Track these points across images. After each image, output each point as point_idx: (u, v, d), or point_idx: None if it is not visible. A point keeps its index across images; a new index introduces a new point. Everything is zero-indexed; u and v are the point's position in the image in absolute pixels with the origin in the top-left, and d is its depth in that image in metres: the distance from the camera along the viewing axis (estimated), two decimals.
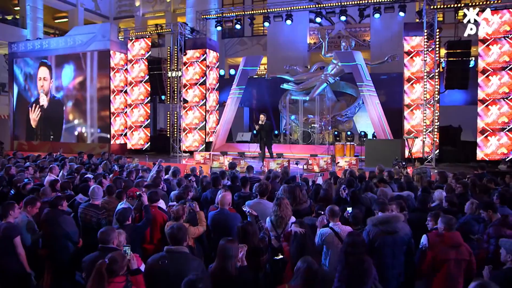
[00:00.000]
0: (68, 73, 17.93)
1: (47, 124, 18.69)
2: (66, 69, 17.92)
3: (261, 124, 11.34)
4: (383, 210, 4.57)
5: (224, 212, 5.05)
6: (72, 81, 17.87)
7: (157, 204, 5.47)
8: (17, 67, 19.13)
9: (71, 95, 18.00)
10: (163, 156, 16.01)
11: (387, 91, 15.78)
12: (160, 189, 6.80)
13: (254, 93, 20.50)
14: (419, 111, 13.69)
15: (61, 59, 18.01)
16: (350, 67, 14.78)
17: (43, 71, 18.54)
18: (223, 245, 3.39)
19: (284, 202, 4.84)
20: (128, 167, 10.38)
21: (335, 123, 17.31)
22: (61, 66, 18.07)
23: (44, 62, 18.41)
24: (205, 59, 16.51)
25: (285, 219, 4.77)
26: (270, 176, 7.45)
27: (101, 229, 3.62)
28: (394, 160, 10.19)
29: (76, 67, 17.67)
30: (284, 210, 4.77)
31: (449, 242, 4.04)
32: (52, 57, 18.20)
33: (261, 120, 11.27)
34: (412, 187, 7.34)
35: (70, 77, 17.91)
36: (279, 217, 4.72)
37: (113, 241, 3.52)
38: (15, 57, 19.02)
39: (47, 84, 18.46)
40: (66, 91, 18.11)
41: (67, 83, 18.04)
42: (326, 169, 11.00)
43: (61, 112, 18.14)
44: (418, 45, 13.64)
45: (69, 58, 17.75)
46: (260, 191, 5.67)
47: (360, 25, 23.56)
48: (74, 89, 17.90)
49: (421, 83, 13.53)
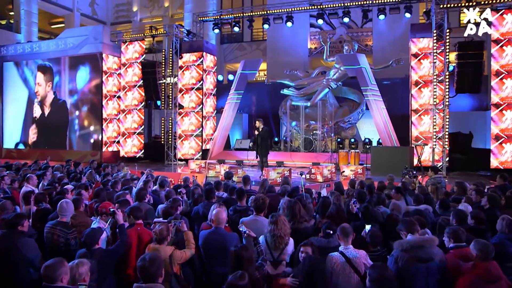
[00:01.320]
0: (83, 76, 16.86)
1: (45, 130, 17.65)
2: (81, 71, 16.87)
3: (258, 131, 10.56)
4: (411, 231, 3.77)
5: (219, 232, 4.28)
6: (88, 83, 16.78)
7: (141, 221, 4.68)
8: (16, 70, 18.28)
9: (86, 99, 16.88)
10: (157, 165, 15.26)
11: (390, 97, 15.07)
12: (146, 203, 6.04)
13: (254, 99, 19.83)
14: (427, 117, 12.94)
15: (76, 60, 16.94)
16: (354, 71, 14.07)
17: (39, 77, 17.61)
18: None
19: (281, 219, 4.08)
20: (117, 176, 9.64)
21: (337, 130, 16.56)
22: (76, 67, 16.97)
23: (42, 65, 17.41)
24: (202, 62, 15.80)
25: (284, 239, 4.01)
26: (265, 188, 6.67)
27: (46, 263, 2.81)
28: (404, 169, 9.41)
29: (92, 69, 16.63)
30: (282, 228, 4.02)
31: (486, 275, 3.22)
32: (65, 58, 17.03)
33: (257, 126, 10.50)
34: (429, 199, 6.55)
35: (85, 80, 16.82)
36: (277, 237, 3.96)
37: (61, 277, 2.71)
38: (5, 60, 18.27)
39: (42, 89, 17.50)
40: (80, 95, 16.98)
41: (82, 86, 16.92)
42: (330, 179, 10.22)
43: (65, 117, 17.10)
44: (426, 47, 12.93)
45: (85, 59, 16.71)
46: (256, 207, 4.90)
47: (362, 29, 22.95)
48: (89, 93, 16.80)
49: (429, 87, 12.80)
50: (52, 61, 17.24)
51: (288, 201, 5.12)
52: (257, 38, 26.16)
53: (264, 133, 10.49)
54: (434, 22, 12.11)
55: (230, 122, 15.97)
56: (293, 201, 5.06)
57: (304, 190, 6.90)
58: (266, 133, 10.55)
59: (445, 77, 12.04)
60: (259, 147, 10.44)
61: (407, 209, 6.08)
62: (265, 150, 10.56)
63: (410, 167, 10.38)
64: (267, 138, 10.70)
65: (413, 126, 13.21)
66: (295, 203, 4.99)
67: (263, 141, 10.49)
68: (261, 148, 10.46)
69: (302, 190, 6.47)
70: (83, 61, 16.63)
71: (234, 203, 6.07)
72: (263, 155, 10.51)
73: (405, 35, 18.42)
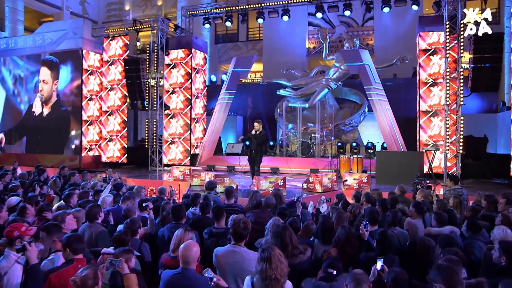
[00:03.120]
0: (64, 75, 15.31)
1: (42, 135, 15.84)
2: (63, 70, 15.33)
3: (254, 133, 9.26)
4: (452, 284, 2.49)
5: (188, 275, 3.03)
6: (69, 84, 15.25)
7: (81, 256, 3.39)
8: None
9: (67, 101, 15.29)
10: (142, 171, 13.96)
11: (393, 99, 13.86)
12: (99, 224, 4.78)
13: (248, 101, 18.65)
14: (437, 119, 11.69)
15: (58, 57, 15.37)
16: (357, 68, 12.83)
17: (44, 73, 15.69)
18: None
19: (275, 254, 2.82)
20: (84, 186, 8.37)
21: (338, 133, 15.29)
22: (56, 63, 15.47)
23: (47, 60, 15.56)
24: (190, 60, 14.54)
25: (280, 282, 2.76)
26: (254, 202, 5.40)
27: None
28: (416, 177, 8.13)
29: (74, 68, 15.08)
30: (278, 268, 2.77)
31: None
32: (45, 55, 15.47)
33: (255, 129, 9.20)
34: (453, 218, 5.26)
35: (66, 80, 15.29)
36: (270, 280, 2.72)
37: None
38: None
39: (48, 88, 15.63)
40: (62, 97, 15.44)
41: (62, 87, 15.39)
42: (331, 188, 8.93)
43: (66, 124, 15.37)
44: (436, 41, 11.70)
45: (66, 57, 15.13)
46: (235, 233, 3.65)
47: (363, 28, 21.91)
48: (71, 94, 15.26)
49: (440, 86, 11.57)
50: (30, 59, 15.91)
51: (276, 226, 3.85)
52: (253, 38, 25.15)
53: (261, 137, 9.19)
54: (446, 13, 10.87)
55: (221, 125, 14.70)
56: (282, 226, 3.79)
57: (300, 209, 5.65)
58: (263, 137, 9.26)
59: (459, 74, 10.78)
60: (252, 153, 9.14)
61: (428, 231, 4.83)
62: (259, 156, 9.24)
63: (421, 175, 9.12)
64: (263, 144, 9.41)
65: (421, 130, 11.96)
66: (285, 229, 3.72)
67: (259, 146, 9.19)
68: (256, 154, 9.15)
69: (299, 207, 5.23)
70: (64, 60, 15.27)
71: (210, 223, 4.81)
72: (256, 163, 9.20)
73: (409, 32, 17.30)
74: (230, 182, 8.70)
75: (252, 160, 9.18)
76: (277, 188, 6.54)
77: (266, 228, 4.12)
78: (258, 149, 9.08)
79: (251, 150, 9.15)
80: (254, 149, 9.08)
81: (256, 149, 9.07)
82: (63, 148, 15.36)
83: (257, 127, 9.07)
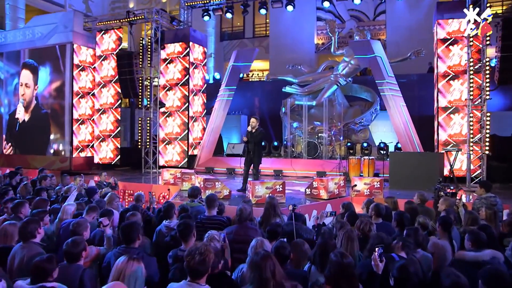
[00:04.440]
0: (43, 77, 14.58)
1: (23, 139, 15.18)
2: (42, 72, 14.59)
3: (250, 131, 8.17)
4: None
5: None
6: (48, 86, 14.47)
7: None
8: None
9: (46, 104, 14.54)
10: (135, 173, 12.97)
11: (407, 97, 12.67)
12: (36, 244, 3.80)
13: (254, 99, 17.63)
14: (458, 116, 10.47)
15: (37, 58, 14.61)
16: (368, 61, 11.69)
17: (27, 76, 14.95)
18: None
19: None
20: (58, 191, 7.42)
21: (347, 133, 14.13)
22: (37, 67, 14.72)
23: (28, 63, 14.90)
24: (188, 54, 13.52)
25: None
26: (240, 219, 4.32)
27: None
28: (437, 182, 6.96)
29: (53, 69, 14.33)
30: None
31: None
32: (33, 50, 14.67)
33: (251, 126, 8.08)
34: (491, 237, 4.09)
35: (45, 82, 14.54)
36: None
37: None
38: None
39: (30, 92, 14.89)
40: (40, 99, 14.65)
41: (41, 89, 14.63)
42: (338, 195, 7.79)
43: (47, 127, 14.60)
44: (457, 30, 10.50)
45: (44, 57, 14.37)
46: (189, 268, 2.62)
47: (374, 22, 20.76)
48: (50, 97, 14.50)
49: (461, 79, 10.36)
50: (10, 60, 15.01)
51: (255, 254, 2.77)
52: (260, 34, 24.23)
53: (258, 135, 8.06)
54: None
55: (220, 123, 13.64)
56: (262, 255, 2.70)
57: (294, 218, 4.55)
58: (260, 135, 8.11)
59: (484, 66, 9.54)
60: (249, 154, 8.00)
61: (461, 256, 3.73)
62: (258, 157, 8.09)
63: (444, 181, 7.95)
64: (261, 143, 8.24)
65: (440, 128, 10.74)
66: (265, 259, 2.64)
67: (257, 146, 8.06)
68: (254, 155, 8.00)
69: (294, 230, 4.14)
70: (43, 61, 14.45)
71: (177, 244, 3.78)
72: (255, 165, 8.06)
73: (424, 25, 16.05)
74: (222, 187, 7.61)
75: (250, 162, 8.05)
76: (272, 196, 5.45)
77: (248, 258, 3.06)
78: (256, 149, 7.95)
79: (248, 151, 8.01)
80: (252, 149, 7.95)
81: (254, 149, 7.94)
82: (45, 153, 14.58)
83: (253, 123, 7.92)
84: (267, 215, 5.15)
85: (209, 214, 4.89)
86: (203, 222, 4.86)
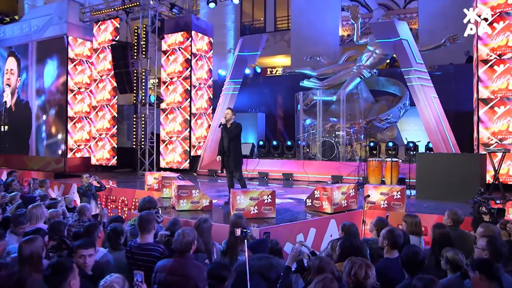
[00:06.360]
0: (50, 71, 13.57)
1: (10, 131, 14.61)
2: (49, 66, 13.57)
3: (225, 125, 6.76)
4: None
5: None
6: (55, 81, 13.45)
7: None
8: None
9: (53, 100, 13.52)
10: (133, 176, 11.76)
11: (442, 91, 10.79)
12: None
13: (272, 96, 16.16)
14: (505, 108, 8.54)
15: (43, 52, 13.64)
16: (392, 45, 9.92)
17: (11, 63, 14.45)
18: None
19: None
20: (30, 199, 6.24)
21: (371, 131, 12.32)
22: (44, 61, 13.69)
23: (14, 52, 14.40)
24: (190, 44, 12.19)
25: None
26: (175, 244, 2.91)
27: None
28: (477, 193, 5.18)
29: (61, 63, 13.32)
30: None
31: None
32: (33, 44, 13.78)
33: (225, 119, 6.56)
34: None
35: (52, 77, 13.53)
36: None
37: None
38: None
39: (14, 79, 14.45)
40: (48, 95, 13.64)
41: (49, 84, 13.64)
42: (346, 207, 6.14)
43: (28, 120, 13.91)
44: (502, 3, 8.57)
45: (52, 50, 13.37)
46: None
47: (405, 10, 18.87)
48: (57, 92, 13.44)
49: (508, 63, 8.44)
50: (19, 51, 14.26)
51: None
52: (281, 28, 22.84)
53: (233, 130, 6.53)
54: None
55: None
56: None
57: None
58: (236, 130, 6.58)
59: None
60: (225, 153, 6.47)
61: None
62: (235, 158, 6.63)
63: (487, 190, 6.16)
64: (237, 138, 6.63)
65: (481, 124, 8.83)
66: None
67: (233, 143, 6.53)
68: (230, 155, 6.51)
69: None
70: (50, 53, 13.43)
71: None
72: (234, 167, 6.56)
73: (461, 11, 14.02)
74: (200, 196, 6.12)
75: (226, 163, 6.51)
76: (238, 214, 3.90)
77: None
78: (232, 148, 6.41)
79: (224, 151, 6.47)
80: (227, 146, 6.41)
81: (229, 146, 6.40)
82: (27, 149, 13.76)
83: (228, 115, 6.36)
84: (232, 241, 3.67)
85: (141, 241, 3.45)
86: (133, 251, 3.44)
